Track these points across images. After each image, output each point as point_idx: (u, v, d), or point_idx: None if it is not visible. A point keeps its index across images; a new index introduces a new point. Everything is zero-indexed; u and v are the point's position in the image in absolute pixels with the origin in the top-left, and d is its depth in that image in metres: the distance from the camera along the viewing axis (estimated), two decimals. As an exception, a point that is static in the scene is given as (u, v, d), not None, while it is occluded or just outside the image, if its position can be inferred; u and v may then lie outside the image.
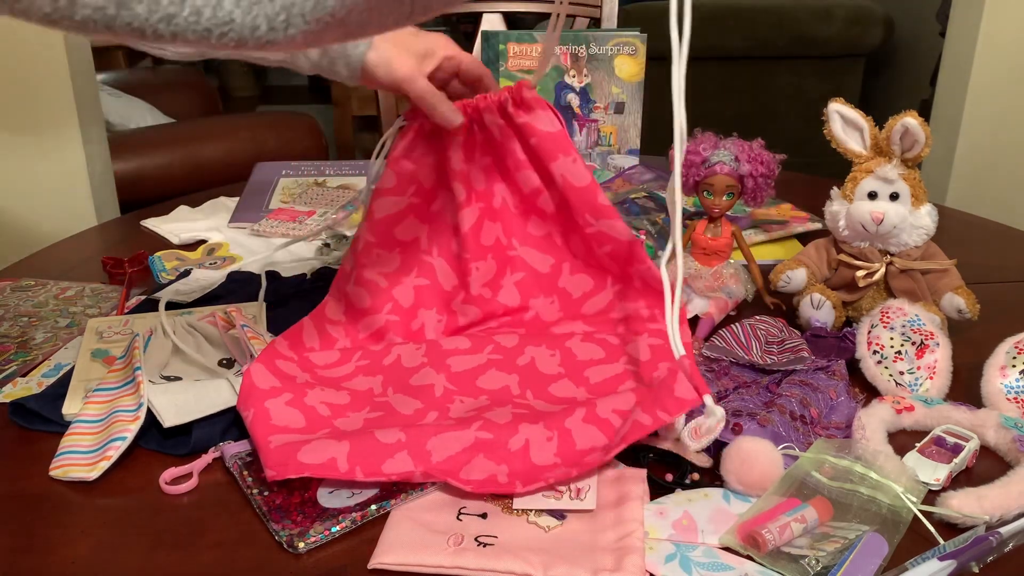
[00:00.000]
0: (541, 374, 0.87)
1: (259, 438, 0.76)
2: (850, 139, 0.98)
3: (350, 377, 0.88)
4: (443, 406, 0.83)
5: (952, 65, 2.13)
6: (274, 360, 0.86)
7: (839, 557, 0.65)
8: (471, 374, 0.87)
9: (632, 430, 0.74)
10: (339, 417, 0.81)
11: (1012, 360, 0.87)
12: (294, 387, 0.83)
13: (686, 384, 0.74)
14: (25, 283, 1.14)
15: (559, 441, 0.76)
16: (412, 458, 0.74)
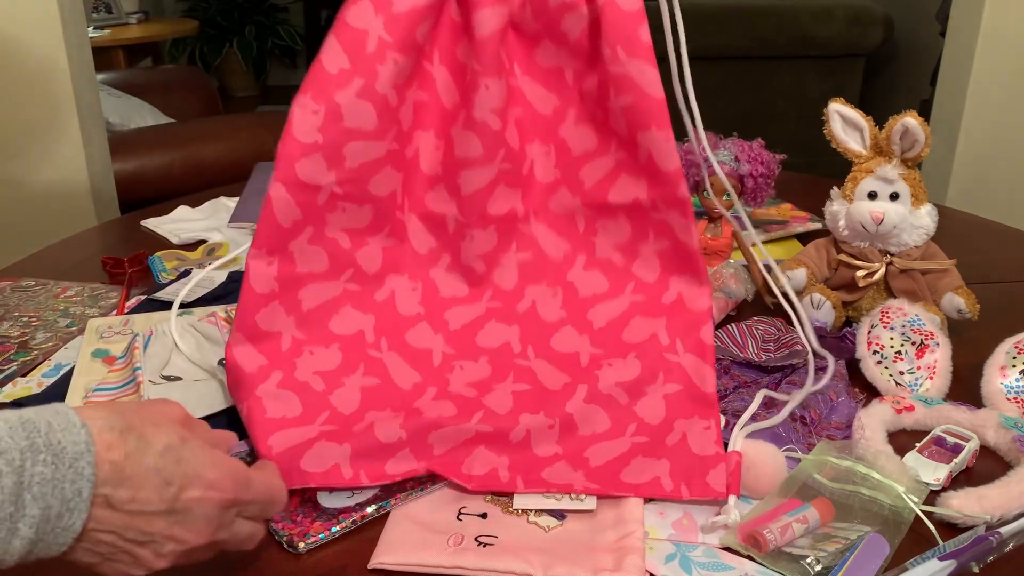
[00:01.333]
0: (543, 322, 0.82)
1: (259, 442, 0.72)
2: (850, 139, 0.98)
3: (338, 306, 0.80)
4: (442, 377, 0.79)
5: (952, 65, 2.13)
6: (253, 317, 0.76)
7: (840, 557, 0.65)
8: (469, 330, 0.82)
9: (649, 487, 0.72)
10: (335, 389, 0.77)
11: (1012, 360, 0.87)
12: (280, 359, 0.77)
13: (721, 475, 0.72)
14: (25, 283, 1.14)
15: (560, 429, 0.75)
16: (414, 455, 0.72)
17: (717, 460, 0.73)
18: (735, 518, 0.69)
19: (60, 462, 0.50)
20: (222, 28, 5.48)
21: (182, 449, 0.55)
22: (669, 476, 0.72)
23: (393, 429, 0.73)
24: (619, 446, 0.75)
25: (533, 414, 0.75)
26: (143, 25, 4.29)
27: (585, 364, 0.79)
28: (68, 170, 1.81)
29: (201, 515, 0.56)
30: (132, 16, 4.34)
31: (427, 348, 0.80)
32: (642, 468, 0.73)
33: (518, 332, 0.82)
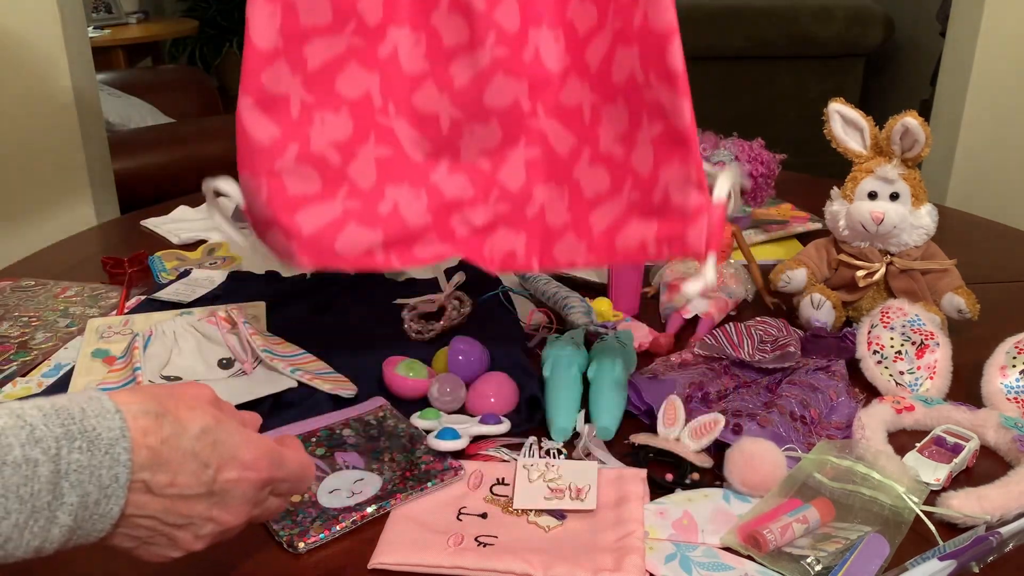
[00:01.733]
0: (548, 73, 0.76)
1: (284, 220, 0.72)
2: (850, 139, 0.98)
3: (343, 64, 0.76)
4: (453, 145, 0.78)
5: (952, 65, 2.13)
6: (259, 77, 0.73)
7: (840, 557, 0.65)
8: (476, 86, 0.76)
9: (638, 251, 0.76)
10: (350, 162, 0.76)
11: (1012, 360, 0.87)
12: (293, 128, 0.75)
13: (700, 233, 0.73)
14: (25, 283, 1.14)
15: (569, 195, 0.77)
16: (439, 239, 0.76)
17: (699, 212, 0.73)
18: (711, 279, 0.71)
19: (96, 449, 0.50)
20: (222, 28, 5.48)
21: (217, 431, 0.55)
22: (654, 241, 0.75)
23: (420, 212, 0.75)
24: (617, 207, 0.77)
25: (545, 184, 0.77)
26: (143, 25, 4.29)
27: (588, 120, 0.77)
28: (68, 170, 1.81)
29: (239, 495, 0.56)
30: (132, 16, 4.34)
31: (434, 112, 0.77)
32: (633, 232, 0.76)
33: (527, 87, 0.76)
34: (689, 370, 0.89)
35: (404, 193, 0.76)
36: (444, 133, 0.78)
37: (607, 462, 0.78)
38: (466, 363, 0.89)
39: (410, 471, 0.75)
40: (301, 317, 1.04)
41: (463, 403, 0.86)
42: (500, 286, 1.08)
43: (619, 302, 1.06)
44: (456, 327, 1.02)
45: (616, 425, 0.82)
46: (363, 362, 0.93)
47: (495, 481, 0.75)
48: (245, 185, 0.77)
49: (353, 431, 0.81)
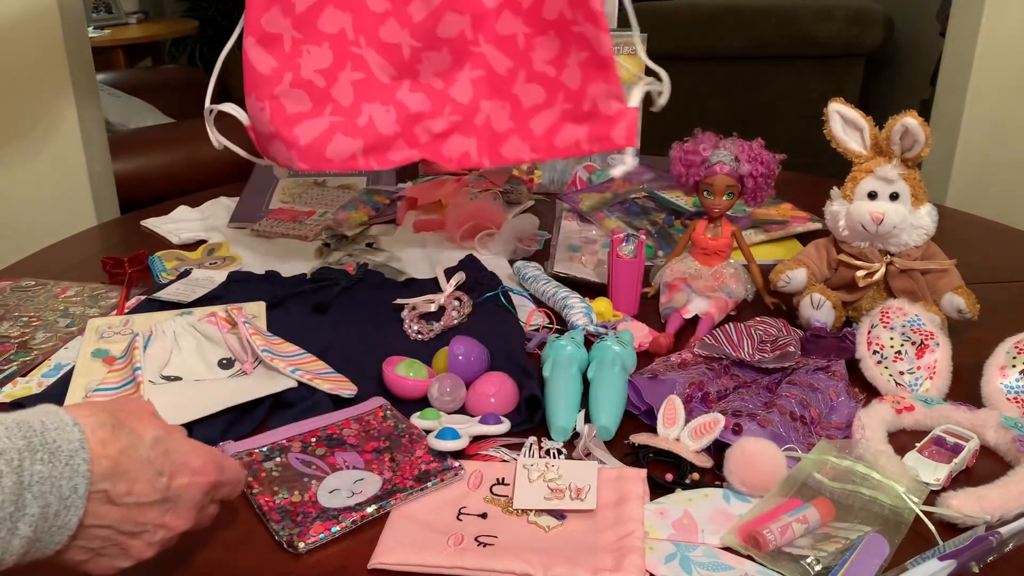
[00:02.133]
0: (486, 9, 0.96)
1: (285, 134, 0.94)
2: (850, 139, 0.98)
3: (322, 6, 0.95)
4: (413, 69, 0.98)
5: (952, 65, 2.13)
6: (260, 20, 0.94)
7: (840, 557, 0.65)
8: (430, 21, 0.96)
9: (575, 148, 0.97)
10: (332, 84, 0.96)
11: (1012, 360, 0.87)
12: (286, 59, 0.95)
13: (622, 131, 0.95)
14: (25, 283, 1.14)
15: (511, 106, 0.98)
16: (407, 145, 0.97)
17: (620, 117, 0.94)
18: (632, 164, 0.95)
19: (56, 460, 0.51)
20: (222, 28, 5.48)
21: (168, 440, 0.59)
22: (586, 140, 0.96)
23: (390, 124, 0.95)
24: (552, 114, 0.98)
25: (489, 98, 0.97)
26: (143, 25, 4.29)
27: (522, 47, 0.97)
28: (68, 170, 1.81)
29: (189, 500, 0.59)
30: (132, 16, 4.34)
31: (397, 43, 0.97)
32: (568, 134, 0.97)
33: (470, 21, 0.96)
34: (689, 370, 0.89)
35: (376, 109, 0.96)
36: (406, 59, 0.97)
37: (607, 462, 0.78)
38: (466, 363, 0.89)
39: (410, 471, 0.75)
40: (301, 317, 1.04)
41: (463, 403, 0.86)
42: (500, 286, 1.08)
43: (619, 302, 1.06)
44: (456, 327, 1.02)
45: (616, 425, 0.82)
46: (363, 362, 0.93)
47: (495, 481, 0.75)
48: (251, 107, 0.96)
49: (353, 431, 0.81)
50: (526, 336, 1.00)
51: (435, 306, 1.05)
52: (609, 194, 1.39)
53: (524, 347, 0.96)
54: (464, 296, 1.06)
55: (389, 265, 1.19)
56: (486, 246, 1.26)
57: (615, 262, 1.05)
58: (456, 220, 1.28)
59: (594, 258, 1.20)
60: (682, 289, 1.05)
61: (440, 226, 1.32)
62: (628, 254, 1.05)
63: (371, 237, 1.29)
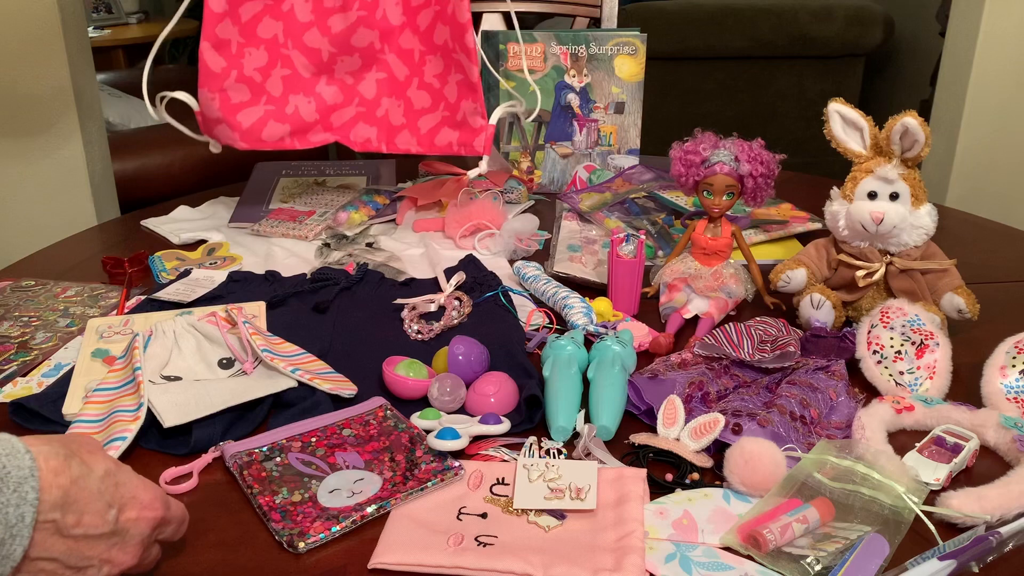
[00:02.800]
0: (392, 26, 1.21)
1: (230, 119, 1.15)
2: (850, 139, 0.98)
3: (261, 17, 1.16)
4: (330, 68, 1.22)
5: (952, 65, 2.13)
6: (214, 28, 1.13)
7: (840, 557, 0.65)
8: (346, 33, 1.19)
9: (448, 147, 1.23)
10: (266, 80, 1.18)
11: (1012, 360, 0.87)
12: (233, 59, 1.15)
13: (482, 141, 1.21)
14: (25, 283, 1.14)
15: (405, 106, 1.24)
16: (323, 130, 1.22)
17: (481, 130, 1.21)
18: (485, 168, 1.23)
19: (5, 486, 0.51)
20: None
21: (118, 473, 0.58)
22: (457, 143, 1.22)
23: (311, 112, 1.19)
24: (435, 118, 1.24)
25: (388, 97, 1.23)
26: (143, 25, 4.29)
27: (417, 60, 1.23)
28: (68, 170, 1.81)
29: (137, 535, 0.58)
30: (132, 16, 4.34)
31: (318, 48, 1.18)
32: (445, 136, 1.24)
33: (378, 35, 1.20)
34: (689, 370, 0.89)
35: (300, 100, 1.19)
36: (324, 60, 1.20)
37: (607, 462, 0.78)
38: (466, 363, 0.89)
39: (410, 471, 0.75)
40: (301, 317, 1.04)
41: (463, 403, 0.86)
42: (500, 286, 1.08)
43: (619, 302, 1.06)
44: (456, 327, 1.02)
45: (616, 425, 0.82)
46: (363, 362, 0.93)
47: (495, 481, 0.75)
48: (203, 97, 1.15)
49: (353, 431, 0.81)
50: (526, 336, 1.00)
51: (435, 306, 1.05)
52: (609, 194, 1.39)
53: (524, 347, 0.96)
54: (464, 296, 1.06)
55: (389, 265, 1.19)
56: (486, 246, 1.26)
57: (615, 262, 1.05)
58: (456, 220, 1.28)
59: (594, 258, 1.20)
60: (682, 289, 1.05)
61: (440, 226, 1.32)
62: (628, 254, 1.05)
63: (371, 237, 1.29)
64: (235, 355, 0.90)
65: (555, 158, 1.49)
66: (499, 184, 1.38)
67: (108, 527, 0.56)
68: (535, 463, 0.76)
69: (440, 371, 0.90)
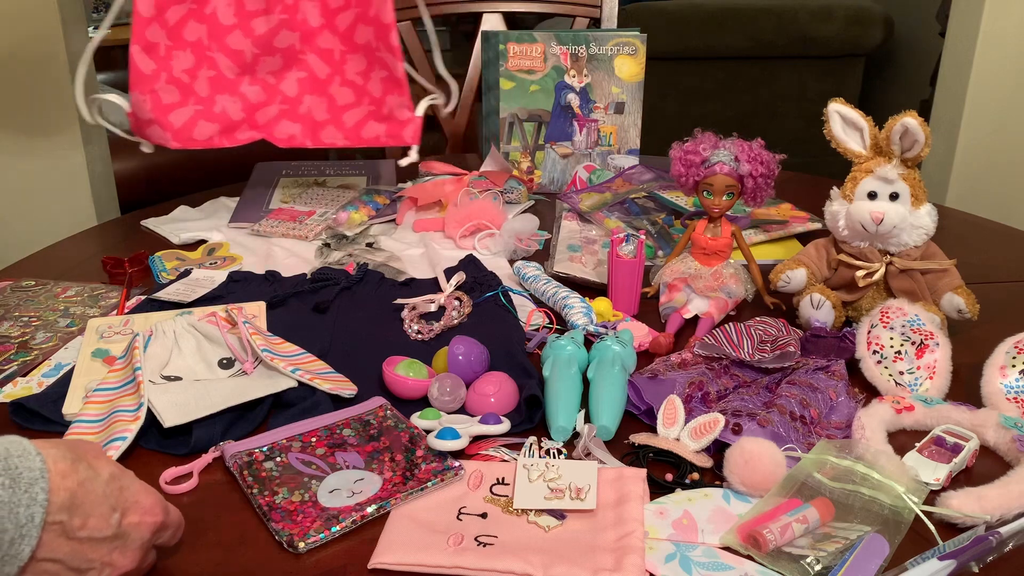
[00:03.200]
0: (311, 28, 1.24)
1: (161, 119, 1.18)
2: (850, 139, 0.98)
3: (186, 20, 1.19)
4: (253, 69, 1.24)
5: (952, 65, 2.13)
6: (144, 32, 1.18)
7: (840, 557, 0.65)
8: (269, 35, 1.22)
9: (375, 140, 1.28)
10: (193, 81, 1.20)
11: (1012, 360, 0.87)
12: (162, 61, 1.18)
13: (411, 131, 1.26)
14: (25, 283, 1.14)
15: (327, 103, 1.27)
16: (249, 128, 1.24)
17: (409, 122, 1.26)
18: (414, 157, 1.26)
19: (17, 486, 0.52)
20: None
21: (122, 478, 0.59)
22: (384, 135, 1.27)
23: (237, 111, 1.22)
24: (360, 112, 1.28)
25: (310, 94, 1.26)
26: (143, 25, 4.29)
27: (337, 59, 1.26)
28: (68, 170, 1.81)
29: (138, 539, 0.59)
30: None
31: (241, 49, 1.21)
32: (372, 129, 1.28)
33: (299, 36, 1.24)
34: (689, 370, 0.89)
35: (227, 99, 1.22)
36: (247, 61, 1.22)
37: (607, 462, 0.78)
38: (466, 363, 0.89)
39: (410, 471, 0.75)
40: (301, 317, 1.04)
41: (463, 403, 0.86)
42: (500, 286, 1.08)
43: (619, 302, 1.06)
44: (456, 327, 1.02)
45: (616, 425, 0.82)
46: (363, 362, 0.93)
47: (495, 481, 0.75)
48: (135, 99, 1.18)
49: (353, 431, 0.81)
50: (526, 336, 1.00)
51: (435, 306, 1.05)
52: (609, 194, 1.39)
53: (524, 347, 0.96)
54: (464, 296, 1.06)
55: (389, 265, 1.19)
56: (486, 246, 1.26)
57: (615, 262, 1.05)
58: (456, 220, 1.28)
59: (594, 258, 1.20)
60: (682, 289, 1.05)
61: (440, 226, 1.32)
62: (628, 254, 1.05)
63: (371, 237, 1.29)
64: (235, 355, 0.90)
65: (555, 158, 1.49)
66: (499, 184, 1.38)
67: (111, 530, 0.57)
68: (535, 463, 0.76)
69: (440, 371, 0.90)
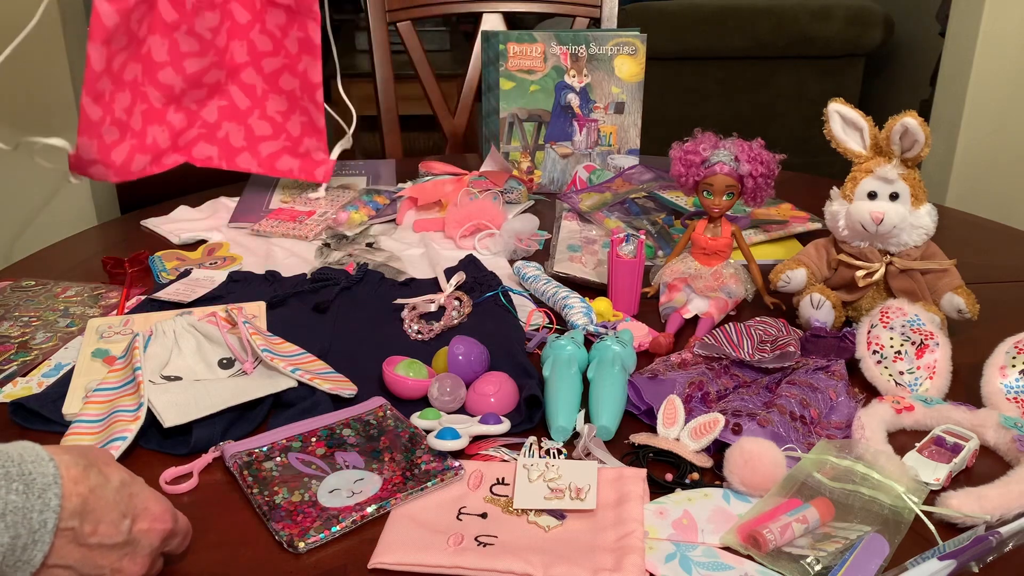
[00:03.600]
0: (236, 64, 1.34)
1: (104, 158, 1.22)
2: (850, 139, 0.98)
3: (126, 63, 1.22)
4: (179, 100, 1.31)
5: (952, 65, 2.13)
6: (95, 85, 1.19)
7: (840, 557, 0.65)
8: (199, 73, 1.31)
9: (288, 172, 1.38)
10: (130, 118, 1.26)
11: (1012, 360, 0.87)
12: (106, 106, 1.22)
13: (324, 171, 1.37)
14: (25, 283, 1.14)
15: (245, 132, 1.37)
16: (173, 151, 1.33)
17: (323, 163, 1.37)
18: (322, 194, 1.38)
19: (30, 491, 0.52)
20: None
21: (133, 484, 0.59)
22: (298, 169, 1.38)
23: (165, 139, 1.30)
24: (276, 145, 1.38)
25: (229, 122, 1.36)
26: (143, 25, 4.29)
27: (259, 94, 1.36)
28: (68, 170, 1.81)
29: (147, 545, 0.59)
30: (132, 16, 4.33)
31: (171, 84, 1.29)
32: (286, 162, 1.38)
33: (225, 73, 1.34)
34: (689, 370, 0.89)
35: (156, 129, 1.29)
36: (176, 94, 1.30)
37: (607, 462, 0.78)
38: (466, 363, 0.89)
39: (410, 471, 0.75)
40: (301, 317, 1.04)
41: (463, 403, 0.86)
42: (500, 286, 1.08)
43: (619, 302, 1.06)
44: (456, 327, 1.02)
45: (616, 425, 0.82)
46: (363, 362, 0.93)
47: (495, 481, 0.75)
48: (83, 143, 1.21)
49: (353, 431, 0.81)
50: (526, 336, 1.00)
51: (435, 306, 1.05)
52: (609, 194, 1.39)
53: (524, 347, 0.96)
54: (464, 296, 1.06)
55: (389, 265, 1.19)
56: (486, 246, 1.26)
57: (615, 262, 1.05)
58: (456, 220, 1.28)
59: (594, 258, 1.20)
60: (682, 289, 1.05)
61: (440, 226, 1.32)
62: (628, 254, 1.05)
63: (371, 237, 1.29)
64: (235, 355, 0.90)
65: (555, 158, 1.49)
66: (499, 184, 1.38)
67: (122, 537, 0.57)
68: (535, 463, 0.76)
69: (440, 371, 0.90)
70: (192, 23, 1.28)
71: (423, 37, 1.86)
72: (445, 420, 0.82)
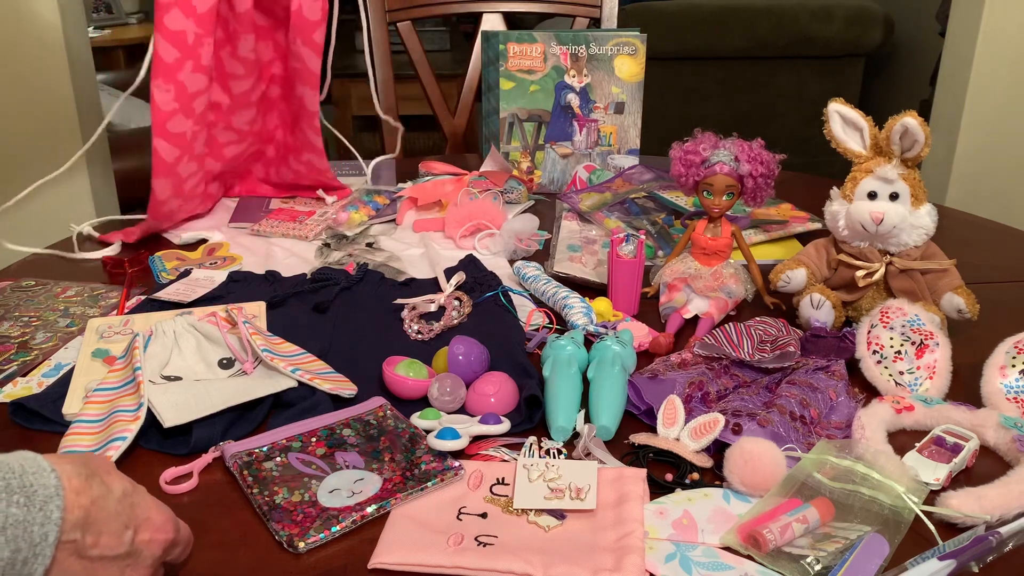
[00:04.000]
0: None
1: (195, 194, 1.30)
2: (850, 139, 0.98)
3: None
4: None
5: (952, 65, 2.13)
6: (165, 126, 1.20)
7: (840, 557, 0.65)
8: (237, 157, 1.37)
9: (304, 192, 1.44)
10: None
11: (1012, 360, 0.87)
12: (186, 146, 1.22)
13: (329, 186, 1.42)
14: (25, 283, 1.14)
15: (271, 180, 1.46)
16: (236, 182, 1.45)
17: (330, 181, 1.40)
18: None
19: (32, 504, 0.51)
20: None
21: (135, 494, 0.59)
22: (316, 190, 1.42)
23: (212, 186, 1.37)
24: (291, 174, 1.41)
25: (265, 185, 1.47)
26: (143, 25, 4.29)
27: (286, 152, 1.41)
28: (68, 170, 1.81)
29: (149, 556, 0.58)
30: (132, 16, 4.34)
31: (211, 170, 1.34)
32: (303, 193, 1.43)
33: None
34: (689, 370, 0.89)
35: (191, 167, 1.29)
36: (216, 174, 1.36)
37: (607, 462, 0.78)
38: (466, 363, 0.89)
39: (410, 471, 0.75)
40: (301, 317, 1.04)
41: (463, 403, 0.86)
42: (500, 286, 1.08)
43: (619, 302, 1.06)
44: (456, 327, 1.02)
45: (616, 425, 0.82)
46: (363, 362, 0.93)
47: (495, 481, 0.75)
48: (158, 184, 1.21)
49: (353, 431, 0.81)
50: (526, 336, 1.00)
51: (435, 306, 1.05)
52: (609, 194, 1.39)
53: (524, 347, 0.96)
54: (464, 296, 1.06)
55: (389, 265, 1.19)
56: (486, 246, 1.26)
57: (615, 262, 1.05)
58: (456, 220, 1.28)
59: (594, 258, 1.20)
60: (682, 289, 1.05)
61: (440, 226, 1.32)
62: (628, 254, 1.05)
63: (371, 237, 1.29)
64: (235, 355, 0.90)
65: (555, 158, 1.49)
66: (499, 184, 1.38)
67: (124, 548, 0.56)
68: (535, 463, 0.76)
69: (440, 371, 0.90)
70: (230, 121, 1.33)
71: (423, 37, 1.86)
72: (445, 420, 0.82)
